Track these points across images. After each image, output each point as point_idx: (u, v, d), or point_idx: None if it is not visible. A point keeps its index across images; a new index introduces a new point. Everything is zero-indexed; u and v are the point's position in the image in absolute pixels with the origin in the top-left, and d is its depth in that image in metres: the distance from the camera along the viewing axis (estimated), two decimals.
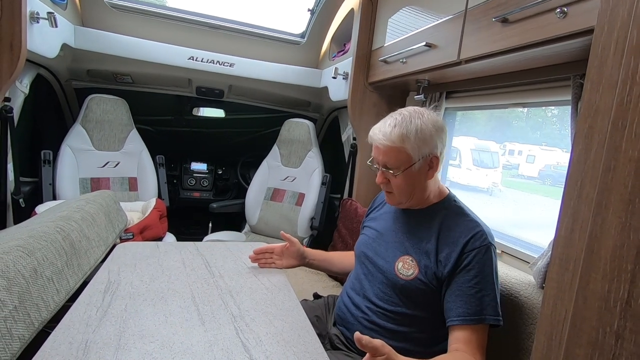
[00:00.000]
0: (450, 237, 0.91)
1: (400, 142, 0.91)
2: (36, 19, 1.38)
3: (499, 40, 0.97)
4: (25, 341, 0.67)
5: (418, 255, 0.94)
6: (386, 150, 0.94)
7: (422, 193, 0.98)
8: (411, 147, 0.91)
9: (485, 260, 0.86)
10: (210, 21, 2.10)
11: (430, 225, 0.96)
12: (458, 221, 0.93)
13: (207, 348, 0.75)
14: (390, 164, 0.94)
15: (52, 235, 0.88)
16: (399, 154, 0.92)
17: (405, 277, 0.94)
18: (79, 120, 2.02)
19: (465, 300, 0.85)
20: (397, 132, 0.91)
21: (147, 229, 1.74)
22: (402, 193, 0.97)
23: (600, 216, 0.34)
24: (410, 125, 0.91)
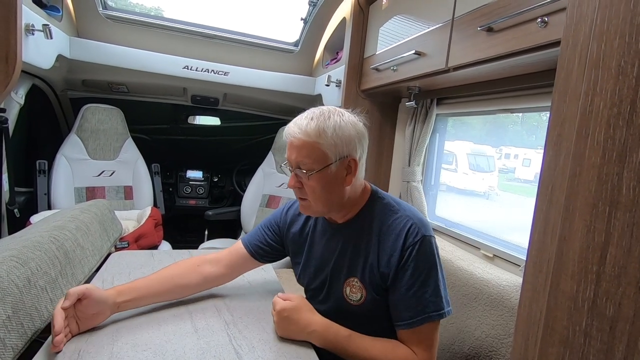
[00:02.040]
0: (389, 242, 0.86)
1: (316, 137, 0.83)
2: (31, 30, 1.40)
3: (485, 48, 1.00)
4: (18, 350, 0.68)
5: (362, 275, 0.88)
6: (300, 145, 0.84)
7: (340, 201, 0.89)
8: (328, 145, 0.83)
9: (418, 255, 0.83)
10: (205, 31, 2.13)
11: (364, 236, 0.90)
12: (390, 221, 0.88)
13: (200, 355, 0.76)
14: (304, 163, 0.85)
15: (45, 244, 0.89)
16: (314, 151, 0.83)
17: (356, 303, 0.89)
18: (74, 130, 2.03)
19: (406, 304, 0.83)
20: (313, 126, 0.83)
21: (142, 237, 1.74)
22: (317, 199, 0.87)
23: (568, 220, 0.35)
24: (328, 121, 0.84)
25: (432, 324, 0.83)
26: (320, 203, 0.88)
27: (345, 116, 0.87)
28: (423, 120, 1.61)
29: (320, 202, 0.87)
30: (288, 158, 0.89)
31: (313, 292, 1.01)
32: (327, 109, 0.88)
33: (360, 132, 0.88)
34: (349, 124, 0.86)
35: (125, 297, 0.86)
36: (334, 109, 0.88)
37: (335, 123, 0.84)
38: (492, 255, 1.29)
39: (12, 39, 1.31)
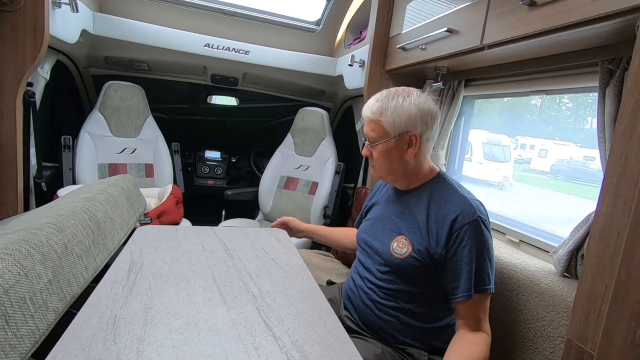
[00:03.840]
0: (440, 215, 0.94)
1: (378, 115, 0.97)
2: (58, 4, 1.39)
3: (525, 24, 0.95)
4: (59, 313, 0.70)
5: (411, 234, 0.98)
6: (368, 122, 1.01)
7: (403, 170, 1.02)
8: (387, 122, 0.96)
9: (476, 234, 0.89)
10: (226, 8, 2.10)
11: (420, 204, 1.00)
12: (446, 198, 0.96)
13: (231, 326, 0.77)
14: (370, 137, 1.01)
15: (79, 214, 0.90)
16: (377, 127, 0.98)
17: (400, 256, 0.98)
18: (97, 107, 2.05)
19: (464, 277, 0.89)
20: (377, 106, 0.98)
21: (164, 214, 1.77)
22: (380, 167, 1.03)
23: None
24: (391, 101, 0.96)
25: (483, 296, 0.90)
26: (383, 170, 1.03)
27: (412, 97, 0.97)
28: (449, 103, 1.57)
29: (383, 169, 1.03)
30: (365, 130, 1.05)
31: (365, 246, 1.12)
32: (395, 90, 1.00)
33: (425, 110, 0.97)
34: (412, 104, 0.95)
35: (310, 232, 1.42)
36: (403, 90, 1.00)
37: (397, 103, 0.95)
38: (518, 241, 1.27)
39: (39, 11, 1.31)
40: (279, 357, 0.69)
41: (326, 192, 2.23)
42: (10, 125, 1.36)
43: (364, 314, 1.06)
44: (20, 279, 0.62)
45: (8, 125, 1.36)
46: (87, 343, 0.65)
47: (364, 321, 1.06)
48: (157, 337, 0.70)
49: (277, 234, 1.41)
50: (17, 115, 1.37)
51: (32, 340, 0.61)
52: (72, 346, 0.64)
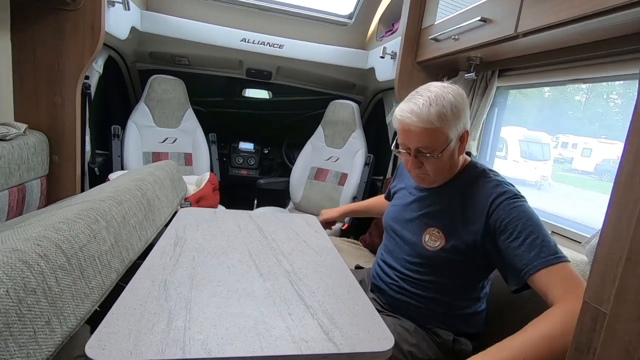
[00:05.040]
0: (475, 202, 0.90)
1: (438, 123, 0.86)
2: (112, 2, 1.52)
3: (562, 10, 0.94)
4: (119, 274, 0.80)
5: (444, 226, 0.95)
6: (421, 132, 0.88)
7: (455, 168, 0.98)
8: (449, 127, 0.88)
9: (520, 206, 0.83)
10: (261, 3, 2.18)
11: (454, 194, 0.96)
12: (479, 184, 0.92)
13: (267, 294, 0.84)
14: (427, 147, 0.90)
15: (133, 191, 1.01)
16: (437, 136, 0.88)
17: (432, 248, 0.96)
18: (142, 99, 2.21)
19: (526, 249, 0.78)
20: (434, 112, 0.86)
21: (202, 199, 1.88)
22: (438, 174, 0.96)
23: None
24: (445, 102, 0.87)
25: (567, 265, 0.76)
26: (441, 176, 0.97)
27: (454, 90, 0.90)
28: (482, 94, 1.55)
29: (441, 175, 0.97)
30: (404, 142, 0.93)
31: (392, 234, 1.11)
32: (437, 89, 0.90)
33: (466, 99, 0.92)
34: (459, 98, 0.89)
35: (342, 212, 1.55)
36: (442, 87, 0.91)
37: (451, 103, 0.87)
38: (550, 232, 1.25)
39: (97, 10, 1.44)
40: (311, 322, 0.75)
41: (355, 183, 2.27)
42: (70, 114, 1.51)
43: (391, 298, 1.07)
44: (91, 240, 0.71)
45: (69, 114, 1.51)
46: (143, 299, 0.74)
47: (391, 304, 1.08)
48: (202, 299, 0.78)
49: (308, 219, 1.48)
50: (76, 105, 1.52)
51: (100, 292, 0.71)
52: (131, 301, 0.73)
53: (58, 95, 1.47)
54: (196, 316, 0.72)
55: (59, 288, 0.58)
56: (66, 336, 0.58)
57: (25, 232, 0.60)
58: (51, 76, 1.45)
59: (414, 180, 1.05)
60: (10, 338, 0.45)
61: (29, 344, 0.48)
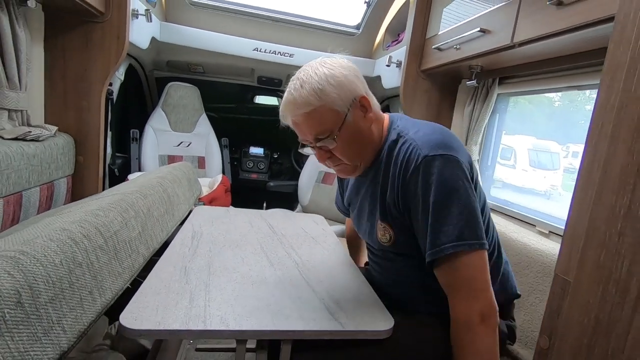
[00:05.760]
0: (395, 172, 0.79)
1: (317, 101, 0.75)
2: (136, 15, 1.64)
3: (554, 21, 1.02)
4: (145, 259, 0.88)
5: (385, 216, 0.84)
6: (305, 119, 0.78)
7: (372, 144, 0.84)
8: (332, 100, 0.76)
9: (425, 177, 0.72)
10: (273, 15, 2.29)
11: (381, 172, 0.84)
12: (397, 151, 0.80)
13: (278, 281, 0.91)
14: (322, 132, 0.79)
15: (156, 187, 1.10)
16: (323, 115, 0.77)
17: (387, 243, 0.87)
18: (160, 105, 2.32)
19: (422, 236, 0.75)
20: (307, 92, 0.75)
21: (215, 200, 1.97)
22: (352, 155, 0.83)
23: (613, 145, 0.43)
24: (317, 77, 0.76)
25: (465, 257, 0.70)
26: (357, 157, 0.84)
27: (328, 62, 0.81)
28: (483, 100, 1.63)
29: (357, 157, 0.84)
30: (302, 138, 0.84)
31: (366, 242, 1.02)
32: (306, 68, 0.81)
33: (352, 68, 0.82)
34: (337, 68, 0.79)
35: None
36: (313, 63, 0.82)
37: (326, 75, 0.77)
38: (548, 232, 1.31)
39: (122, 21, 1.56)
40: (318, 304, 0.82)
41: None
42: (95, 118, 1.62)
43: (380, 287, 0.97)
44: (123, 227, 0.80)
45: (94, 118, 1.62)
46: (167, 282, 0.82)
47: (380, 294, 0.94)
48: (220, 283, 0.86)
49: (316, 218, 1.55)
50: (101, 110, 1.63)
51: (130, 273, 0.79)
52: (156, 283, 0.81)
53: (85, 100, 1.58)
54: (214, 297, 0.79)
55: (98, 264, 0.67)
56: (105, 306, 0.67)
57: (68, 217, 0.69)
58: (79, 82, 1.57)
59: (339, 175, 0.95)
60: (63, 301, 0.53)
61: (77, 308, 0.56)
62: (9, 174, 1.13)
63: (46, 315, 0.49)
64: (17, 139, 1.26)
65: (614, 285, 0.41)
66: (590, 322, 0.43)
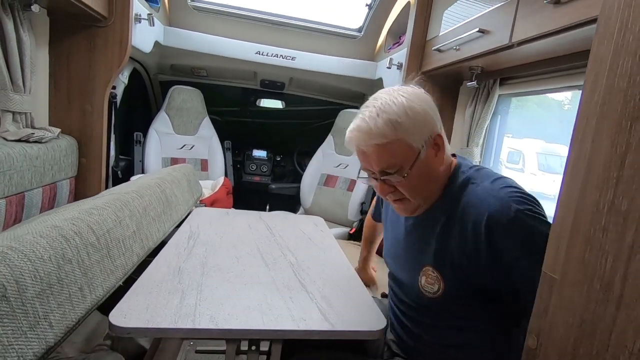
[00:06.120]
0: (469, 224, 0.71)
1: (392, 134, 0.70)
2: (139, 19, 1.66)
3: (552, 20, 1.00)
4: (140, 258, 0.88)
5: (440, 264, 0.76)
6: (376, 151, 0.72)
7: (438, 184, 0.79)
8: (409, 134, 0.71)
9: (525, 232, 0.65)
10: (275, 18, 2.31)
11: (443, 217, 0.77)
12: (470, 199, 0.73)
13: (271, 281, 0.91)
14: (390, 167, 0.73)
15: (153, 187, 1.11)
16: (397, 149, 0.72)
17: (431, 295, 0.77)
18: (163, 108, 2.35)
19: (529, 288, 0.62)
20: (382, 122, 0.70)
21: (216, 202, 1.98)
22: (417, 194, 0.77)
23: (596, 140, 0.42)
24: (395, 107, 0.71)
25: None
26: (421, 196, 0.79)
27: (407, 92, 0.75)
28: (484, 101, 1.61)
29: (421, 195, 0.78)
30: (366, 167, 0.78)
31: (394, 278, 0.94)
32: (383, 95, 0.75)
33: (429, 101, 0.77)
34: (416, 99, 0.74)
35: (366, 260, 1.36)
36: (390, 91, 0.77)
37: (404, 106, 0.71)
38: None
39: (125, 26, 1.58)
40: (310, 305, 0.81)
41: (364, 189, 2.34)
42: (98, 121, 1.65)
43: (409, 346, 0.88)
44: (116, 225, 0.81)
45: (97, 121, 1.64)
46: (159, 281, 0.83)
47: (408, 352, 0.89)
48: (212, 283, 0.86)
49: (315, 220, 1.55)
50: (104, 112, 1.65)
51: (123, 271, 0.80)
52: (148, 282, 0.82)
53: (88, 103, 1.61)
54: (206, 296, 0.79)
55: (89, 262, 0.67)
56: (95, 303, 0.67)
57: (62, 214, 0.70)
58: (82, 86, 1.59)
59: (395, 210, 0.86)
60: (51, 296, 0.53)
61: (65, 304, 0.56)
62: (11, 174, 1.15)
63: (32, 309, 0.49)
64: (20, 140, 1.28)
65: (598, 281, 0.40)
66: (576, 320, 0.42)
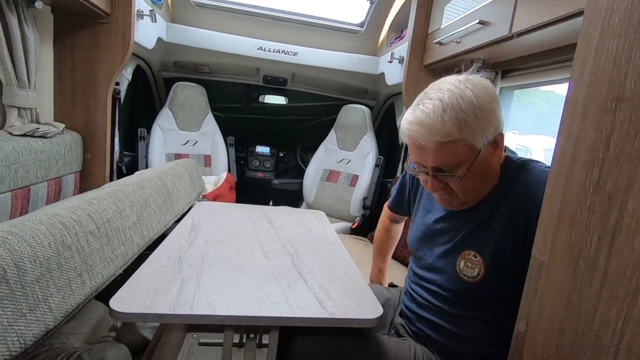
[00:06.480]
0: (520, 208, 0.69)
1: (458, 133, 0.65)
2: (141, 15, 1.68)
3: (551, 10, 1.00)
4: (140, 248, 0.90)
5: (483, 248, 0.73)
6: (436, 148, 0.67)
7: (492, 181, 0.75)
8: (473, 134, 0.66)
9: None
10: (277, 14, 2.32)
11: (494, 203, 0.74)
12: (522, 181, 0.71)
13: (270, 271, 0.92)
14: (447, 165, 0.69)
15: (154, 180, 1.12)
16: (458, 149, 0.67)
17: (471, 279, 0.75)
18: (167, 104, 2.37)
19: None
20: (450, 119, 0.64)
21: (219, 197, 2.00)
22: (469, 192, 0.74)
23: (585, 121, 0.42)
24: (463, 102, 0.65)
25: None
26: (473, 194, 0.75)
27: (474, 84, 0.68)
28: None
29: (473, 194, 0.75)
30: (418, 161, 0.73)
31: (420, 262, 0.92)
32: (451, 86, 0.68)
33: (495, 97, 0.70)
34: (484, 94, 0.67)
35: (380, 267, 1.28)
36: (456, 82, 0.69)
37: (473, 103, 0.65)
38: None
39: (127, 22, 1.60)
40: (307, 293, 0.82)
41: (366, 184, 2.34)
42: (102, 117, 1.67)
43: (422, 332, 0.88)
44: (116, 215, 0.82)
45: (101, 117, 1.66)
46: (160, 270, 0.84)
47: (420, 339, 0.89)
48: (212, 272, 0.87)
49: (317, 214, 1.56)
50: (107, 108, 1.67)
51: (123, 260, 0.81)
52: (149, 271, 0.83)
53: (92, 99, 1.63)
54: (205, 285, 0.80)
55: (89, 249, 0.69)
56: (94, 290, 0.69)
57: (62, 204, 0.72)
58: (86, 82, 1.62)
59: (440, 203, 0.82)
60: (50, 281, 0.55)
61: (64, 289, 0.58)
62: (17, 168, 1.18)
63: (32, 292, 0.51)
64: (25, 135, 1.31)
65: (583, 262, 0.40)
66: (562, 301, 0.43)
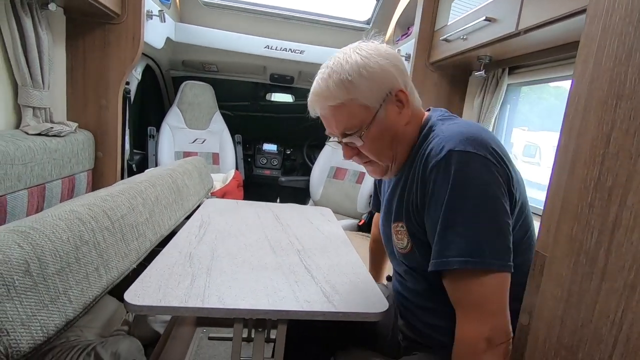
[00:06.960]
0: (418, 168, 0.68)
1: (345, 94, 0.68)
2: (150, 15, 1.71)
3: (557, 6, 1.00)
4: (152, 243, 0.93)
5: (405, 217, 0.72)
6: (331, 112, 0.71)
7: (405, 143, 0.74)
8: (362, 93, 0.67)
9: (444, 173, 0.60)
10: (283, 12, 2.33)
11: (409, 166, 0.74)
12: (425, 146, 0.69)
13: (278, 266, 0.94)
14: (348, 128, 0.71)
15: (165, 178, 1.15)
16: (352, 109, 0.69)
17: (403, 250, 0.75)
18: (175, 103, 2.41)
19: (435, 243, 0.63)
20: (334, 83, 0.68)
21: (227, 194, 2.03)
22: (381, 155, 0.74)
23: (585, 119, 0.43)
24: (347, 65, 0.68)
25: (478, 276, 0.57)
26: (386, 157, 0.75)
27: (365, 47, 0.71)
28: (493, 91, 1.60)
29: (386, 156, 0.75)
30: (330, 131, 0.76)
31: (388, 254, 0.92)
32: (338, 54, 0.73)
33: (391, 55, 0.71)
34: (373, 55, 0.69)
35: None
36: (346, 49, 0.73)
37: (357, 64, 0.67)
38: None
39: (137, 22, 1.63)
40: (314, 288, 0.84)
41: (372, 181, 2.34)
42: (113, 116, 1.70)
43: (411, 322, 0.85)
44: (130, 212, 0.85)
45: (112, 116, 1.70)
46: (171, 265, 0.87)
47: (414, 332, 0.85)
48: (221, 267, 0.89)
49: (323, 211, 1.58)
50: (118, 108, 1.71)
51: (136, 255, 0.84)
52: (161, 266, 0.86)
53: (103, 98, 1.67)
54: (215, 279, 0.83)
55: (105, 244, 0.72)
56: (110, 283, 0.71)
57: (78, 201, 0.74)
58: (98, 81, 1.65)
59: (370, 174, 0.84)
60: (70, 274, 0.58)
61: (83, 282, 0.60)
62: (32, 166, 1.21)
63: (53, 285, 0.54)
64: (40, 134, 1.35)
65: (584, 256, 0.41)
66: (564, 294, 0.44)
